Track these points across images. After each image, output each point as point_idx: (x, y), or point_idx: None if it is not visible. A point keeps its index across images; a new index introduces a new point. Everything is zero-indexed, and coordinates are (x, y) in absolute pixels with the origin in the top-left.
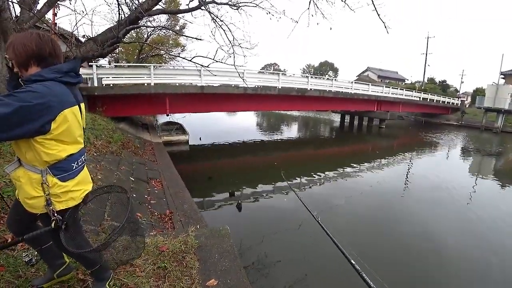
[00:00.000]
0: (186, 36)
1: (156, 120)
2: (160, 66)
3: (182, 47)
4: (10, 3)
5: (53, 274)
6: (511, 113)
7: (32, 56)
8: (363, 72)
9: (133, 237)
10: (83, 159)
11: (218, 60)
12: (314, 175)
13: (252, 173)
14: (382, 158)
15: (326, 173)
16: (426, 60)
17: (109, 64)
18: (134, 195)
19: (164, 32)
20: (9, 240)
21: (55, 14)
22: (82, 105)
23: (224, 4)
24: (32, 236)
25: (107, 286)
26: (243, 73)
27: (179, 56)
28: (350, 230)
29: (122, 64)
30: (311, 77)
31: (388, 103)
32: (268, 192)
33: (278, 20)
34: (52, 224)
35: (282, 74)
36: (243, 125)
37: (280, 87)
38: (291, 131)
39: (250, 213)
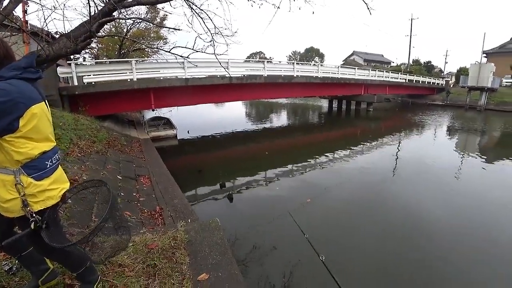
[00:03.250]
0: (163, 27)
1: (143, 116)
2: (142, 61)
3: (164, 40)
4: None
5: (37, 281)
6: (493, 90)
7: None
8: (349, 56)
9: (118, 230)
10: (57, 157)
11: (198, 50)
12: (305, 162)
13: (243, 164)
14: (372, 141)
15: (316, 158)
16: (410, 42)
17: (89, 61)
18: (122, 194)
19: (145, 25)
20: None
21: (25, 11)
22: (45, 102)
23: None
24: (11, 241)
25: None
26: (227, 62)
27: (158, 49)
28: (339, 215)
29: (103, 60)
30: (297, 63)
31: (375, 86)
32: (259, 182)
33: (259, 7)
34: (32, 225)
35: (267, 61)
36: (231, 115)
37: (266, 75)
38: (279, 119)
39: (242, 204)
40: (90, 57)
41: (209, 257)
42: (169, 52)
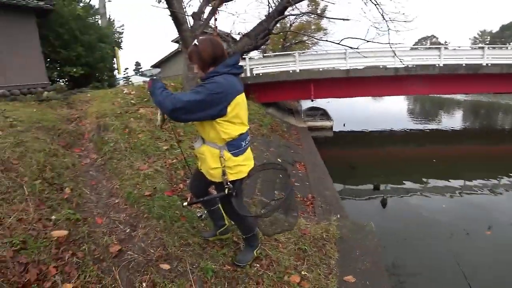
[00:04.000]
0: (333, 19)
1: (300, 105)
2: (303, 53)
3: (324, 31)
4: (186, 16)
5: (216, 232)
6: None
7: (211, 58)
8: None
9: (288, 212)
10: (248, 139)
11: (369, 40)
12: (484, 179)
13: (402, 167)
14: None
15: (502, 177)
16: None
17: (257, 55)
18: (280, 176)
19: (306, 18)
20: (188, 198)
21: (215, 19)
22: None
23: None
24: (209, 198)
25: (254, 253)
26: (393, 51)
27: (326, 41)
28: None
29: (269, 54)
30: (488, 47)
31: None
32: (420, 191)
33: None
34: (226, 191)
35: (444, 48)
36: (390, 111)
37: (441, 65)
38: (452, 120)
39: (396, 213)
40: (259, 51)
41: (358, 260)
42: (338, 43)
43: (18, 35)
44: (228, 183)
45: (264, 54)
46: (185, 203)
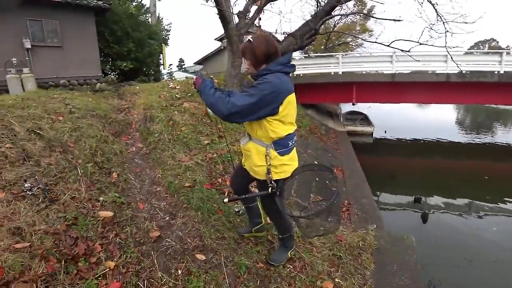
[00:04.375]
0: (384, 19)
1: (340, 108)
2: (346, 54)
3: (370, 32)
4: (233, 15)
5: (251, 228)
6: None
7: (264, 56)
8: None
9: (330, 215)
10: (295, 139)
11: (422, 43)
12: None
13: (447, 181)
14: None
15: None
16: None
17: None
18: (317, 179)
19: (351, 19)
20: (226, 194)
21: (259, 19)
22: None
23: None
24: (251, 196)
25: (289, 254)
26: (449, 55)
27: (375, 42)
28: None
29: (310, 55)
30: None
31: None
32: (467, 209)
33: None
34: (269, 189)
35: (506, 53)
36: (437, 120)
37: (502, 72)
38: (508, 135)
39: (437, 230)
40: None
41: (396, 275)
42: (388, 45)
43: (80, 32)
44: (272, 182)
45: (305, 55)
46: (226, 199)
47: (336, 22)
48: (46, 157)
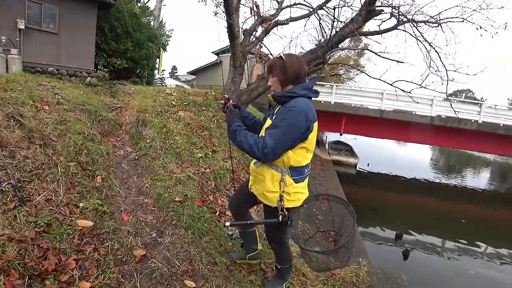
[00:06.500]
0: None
1: (326, 136)
2: (338, 86)
3: (362, 68)
4: (241, 31)
5: (245, 255)
6: None
7: (295, 76)
8: None
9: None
10: (310, 167)
11: (424, 87)
12: None
13: (425, 219)
14: None
15: None
16: None
17: None
18: (305, 205)
19: (346, 53)
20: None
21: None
22: None
23: (423, 22)
24: (258, 222)
25: (283, 286)
26: (431, 100)
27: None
28: None
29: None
30: None
31: None
32: (447, 251)
33: (492, 36)
34: (280, 218)
35: (486, 105)
36: (414, 158)
37: (480, 121)
38: (478, 179)
39: (418, 268)
40: None
41: None
42: (391, 84)
43: (79, 22)
44: (284, 210)
45: None
46: (227, 223)
47: (331, 54)
48: (23, 148)
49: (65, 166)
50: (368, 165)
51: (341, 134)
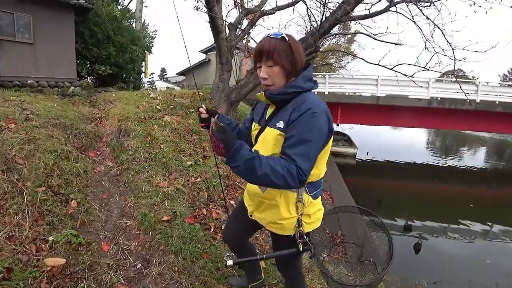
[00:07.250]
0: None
1: None
2: (332, 75)
3: (353, 55)
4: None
5: (248, 284)
6: None
7: (301, 64)
8: None
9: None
10: None
11: (428, 68)
12: None
13: (430, 207)
14: None
15: None
16: None
17: None
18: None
19: (336, 41)
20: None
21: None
22: None
23: (415, 2)
24: (271, 256)
25: None
26: (427, 82)
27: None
28: None
29: None
30: None
31: None
32: (460, 238)
33: (486, 12)
34: (300, 246)
35: (482, 84)
36: (411, 142)
37: (478, 101)
38: (474, 158)
39: (431, 261)
40: None
41: None
42: (391, 69)
43: (56, 30)
44: (304, 237)
45: None
46: (229, 262)
47: (320, 42)
48: None
49: (33, 193)
50: (367, 153)
51: (337, 125)
